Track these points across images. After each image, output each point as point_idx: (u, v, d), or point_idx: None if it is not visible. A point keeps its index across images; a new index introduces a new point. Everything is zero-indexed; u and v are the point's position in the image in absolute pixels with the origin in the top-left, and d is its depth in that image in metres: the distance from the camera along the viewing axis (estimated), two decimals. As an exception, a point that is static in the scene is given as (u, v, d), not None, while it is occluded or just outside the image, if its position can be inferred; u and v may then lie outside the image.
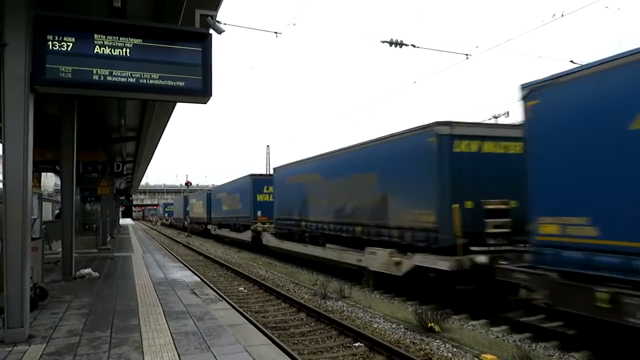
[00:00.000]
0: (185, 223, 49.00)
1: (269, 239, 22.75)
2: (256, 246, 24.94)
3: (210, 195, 39.19)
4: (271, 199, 24.42)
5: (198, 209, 44.35)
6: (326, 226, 16.43)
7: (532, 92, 7.90)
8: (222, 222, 33.87)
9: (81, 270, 10.95)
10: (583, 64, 8.06)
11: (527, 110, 7.97)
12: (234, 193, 30.69)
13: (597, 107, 6.84)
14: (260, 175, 29.50)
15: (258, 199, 26.61)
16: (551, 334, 8.20)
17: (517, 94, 8.14)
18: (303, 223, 18.67)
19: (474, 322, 9.40)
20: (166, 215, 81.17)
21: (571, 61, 12.28)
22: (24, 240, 5.49)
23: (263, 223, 24.85)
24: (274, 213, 22.49)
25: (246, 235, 26.64)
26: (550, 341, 7.97)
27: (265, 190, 26.67)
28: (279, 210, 21.79)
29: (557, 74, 7.51)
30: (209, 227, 38.56)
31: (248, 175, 27.90)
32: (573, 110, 7.20)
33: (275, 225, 22.38)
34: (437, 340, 8.05)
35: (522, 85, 8.07)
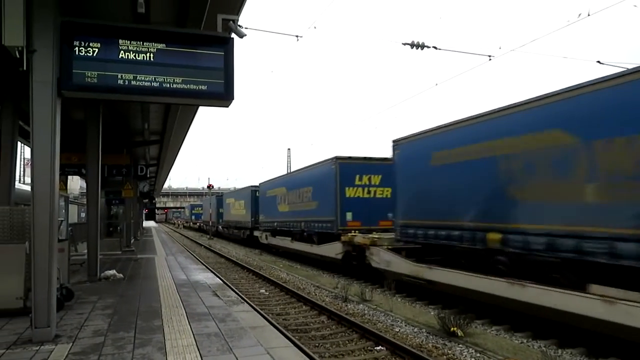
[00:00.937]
0: (219, 228, 44.64)
1: (397, 264, 13.00)
2: (351, 268, 16.24)
3: (256, 192, 31.34)
4: (367, 195, 17.72)
5: (238, 211, 36.22)
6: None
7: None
8: (279, 228, 25.29)
9: (106, 272, 11.14)
10: (610, 64, 7.83)
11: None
12: (301, 187, 22.00)
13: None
14: (350, 158, 18.10)
15: (347, 194, 17.57)
16: (577, 339, 8.01)
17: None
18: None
19: (497, 327, 9.25)
20: (193, 217, 73.51)
21: (598, 61, 12.00)
22: (51, 242, 5.61)
23: (356, 231, 16.50)
24: (397, 214, 13.97)
25: (331, 250, 17.55)
26: (576, 347, 7.80)
27: (357, 182, 17.64)
28: (417, 208, 13.01)
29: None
30: (257, 233, 30.47)
31: (332, 158, 18.22)
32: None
33: (400, 234, 13.61)
34: (460, 345, 7.95)
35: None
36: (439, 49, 12.31)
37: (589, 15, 11.01)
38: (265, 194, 28.76)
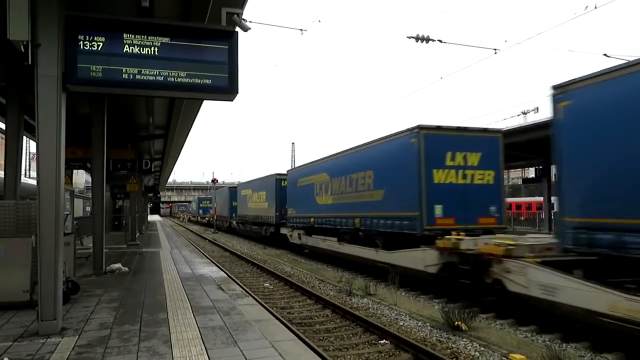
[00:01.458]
0: (233, 223, 39.83)
1: (576, 293, 7.80)
2: (457, 287, 11.14)
3: (281, 181, 26.28)
4: (463, 180, 12.74)
5: (257, 204, 30.92)
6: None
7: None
8: (318, 225, 19.94)
9: (111, 265, 11.21)
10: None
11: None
12: (354, 172, 16.53)
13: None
14: (439, 128, 12.99)
15: (435, 180, 12.46)
16: (582, 334, 8.01)
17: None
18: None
19: (502, 321, 9.25)
20: (201, 212, 67.34)
21: (605, 54, 11.94)
22: (57, 236, 5.64)
23: (459, 232, 11.34)
24: (564, 206, 8.41)
25: (416, 260, 12.46)
26: (581, 342, 7.79)
27: (449, 162, 12.62)
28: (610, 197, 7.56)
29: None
30: (284, 231, 25.33)
31: (411, 128, 12.94)
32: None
33: (571, 240, 8.10)
34: (464, 339, 7.96)
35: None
36: (444, 42, 12.26)
37: (595, 7, 10.92)
38: (295, 183, 23.17)
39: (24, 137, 12.54)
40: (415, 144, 12.55)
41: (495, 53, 12.80)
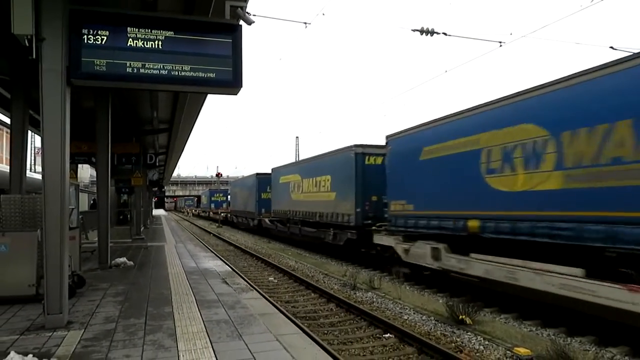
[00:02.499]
0: (264, 221, 29.74)
1: None
2: None
3: (363, 157, 16.91)
4: None
5: (312, 194, 21.15)
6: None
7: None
8: (492, 233, 9.76)
9: (116, 259, 11.26)
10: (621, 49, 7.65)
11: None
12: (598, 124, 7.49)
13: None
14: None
15: None
16: (587, 328, 7.99)
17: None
18: None
19: (506, 315, 9.24)
20: (213, 206, 57.83)
21: (611, 47, 11.79)
22: (62, 230, 5.66)
23: None
24: None
25: None
26: (585, 336, 7.78)
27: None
28: None
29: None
30: (380, 239, 14.75)
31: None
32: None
33: None
34: (469, 333, 7.96)
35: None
36: (449, 35, 12.16)
37: (603, -2, 10.72)
38: (414, 154, 12.78)
39: (29, 132, 12.57)
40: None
41: (501, 46, 12.69)
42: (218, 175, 54.87)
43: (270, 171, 29.52)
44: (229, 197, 49.35)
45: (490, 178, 9.91)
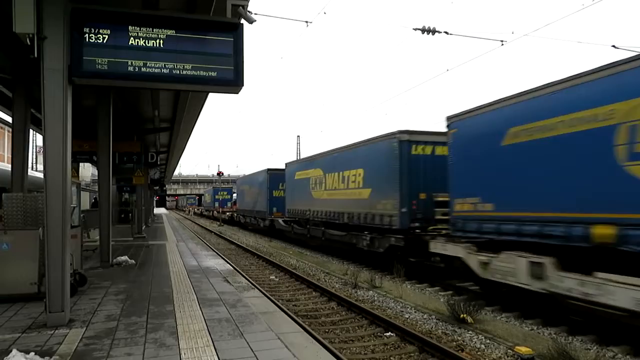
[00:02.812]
0: (277, 222, 26.83)
1: None
2: None
3: (410, 146, 13.86)
4: None
5: (338, 192, 18.25)
6: None
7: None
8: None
9: (118, 258, 11.27)
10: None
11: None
12: None
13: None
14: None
15: None
16: (588, 327, 7.99)
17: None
18: None
19: (508, 314, 9.24)
20: (216, 204, 53.58)
21: (613, 46, 11.79)
22: (64, 228, 5.67)
23: None
24: None
25: None
26: (587, 335, 7.77)
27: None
28: None
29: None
30: (444, 248, 11.52)
31: None
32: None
33: None
34: (470, 332, 7.96)
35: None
36: (451, 34, 12.15)
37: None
38: (487, 145, 10.13)
39: (31, 131, 12.59)
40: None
41: (502, 45, 12.67)
42: (219, 174, 54.86)
43: (274, 167, 28.39)
44: (234, 195, 47.30)
45: (634, 166, 6.94)
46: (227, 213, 46.85)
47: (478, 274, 10.01)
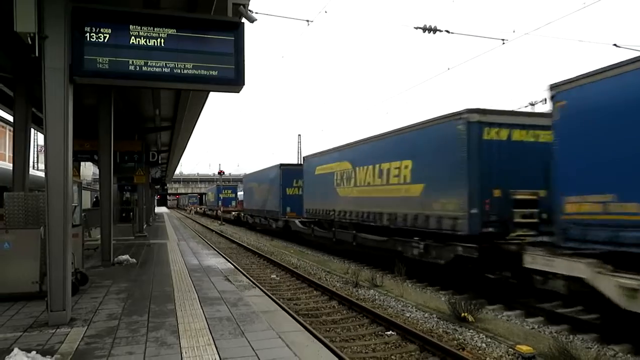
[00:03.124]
0: (293, 223, 23.91)
1: None
2: None
3: (480, 128, 10.90)
4: None
5: (367, 188, 16.02)
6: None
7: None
8: None
9: (119, 257, 11.28)
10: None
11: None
12: None
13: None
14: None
15: None
16: (589, 326, 7.99)
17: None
18: None
19: (509, 313, 9.24)
20: (220, 203, 49.72)
21: (614, 45, 11.79)
22: (65, 227, 5.67)
23: None
24: None
25: None
26: (588, 333, 7.77)
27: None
28: None
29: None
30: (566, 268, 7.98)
31: None
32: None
33: None
34: (471, 331, 7.96)
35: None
36: (452, 33, 12.15)
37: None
38: (624, 119, 7.22)
39: (32, 130, 12.60)
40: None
41: (503, 43, 12.67)
42: (220, 173, 54.81)
43: (288, 163, 26.70)
44: (239, 193, 45.41)
45: None
46: (233, 213, 43.72)
47: (618, 304, 6.86)
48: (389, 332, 7.96)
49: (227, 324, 5.75)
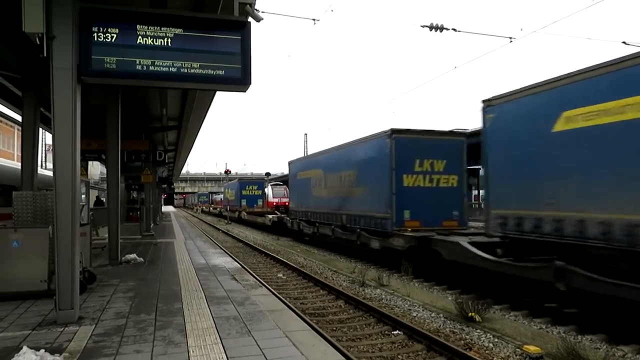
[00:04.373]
0: (384, 239, 14.39)
1: None
2: None
3: None
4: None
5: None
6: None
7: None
8: None
9: (127, 256, 11.34)
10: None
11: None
12: None
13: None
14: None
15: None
16: (598, 325, 7.93)
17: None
18: None
19: (516, 313, 9.19)
20: (244, 202, 41.20)
21: (623, 42, 11.67)
22: (73, 226, 5.70)
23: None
24: None
25: None
26: (597, 334, 7.72)
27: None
28: None
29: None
30: None
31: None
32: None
33: None
34: (478, 330, 7.93)
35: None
36: (459, 31, 12.11)
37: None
38: None
39: (40, 129, 12.68)
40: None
41: (511, 42, 12.60)
42: (227, 172, 54.85)
43: (402, 128, 14.68)
44: (266, 190, 38.31)
45: None
46: (271, 217, 30.47)
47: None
48: (395, 332, 7.95)
49: (234, 323, 5.76)
